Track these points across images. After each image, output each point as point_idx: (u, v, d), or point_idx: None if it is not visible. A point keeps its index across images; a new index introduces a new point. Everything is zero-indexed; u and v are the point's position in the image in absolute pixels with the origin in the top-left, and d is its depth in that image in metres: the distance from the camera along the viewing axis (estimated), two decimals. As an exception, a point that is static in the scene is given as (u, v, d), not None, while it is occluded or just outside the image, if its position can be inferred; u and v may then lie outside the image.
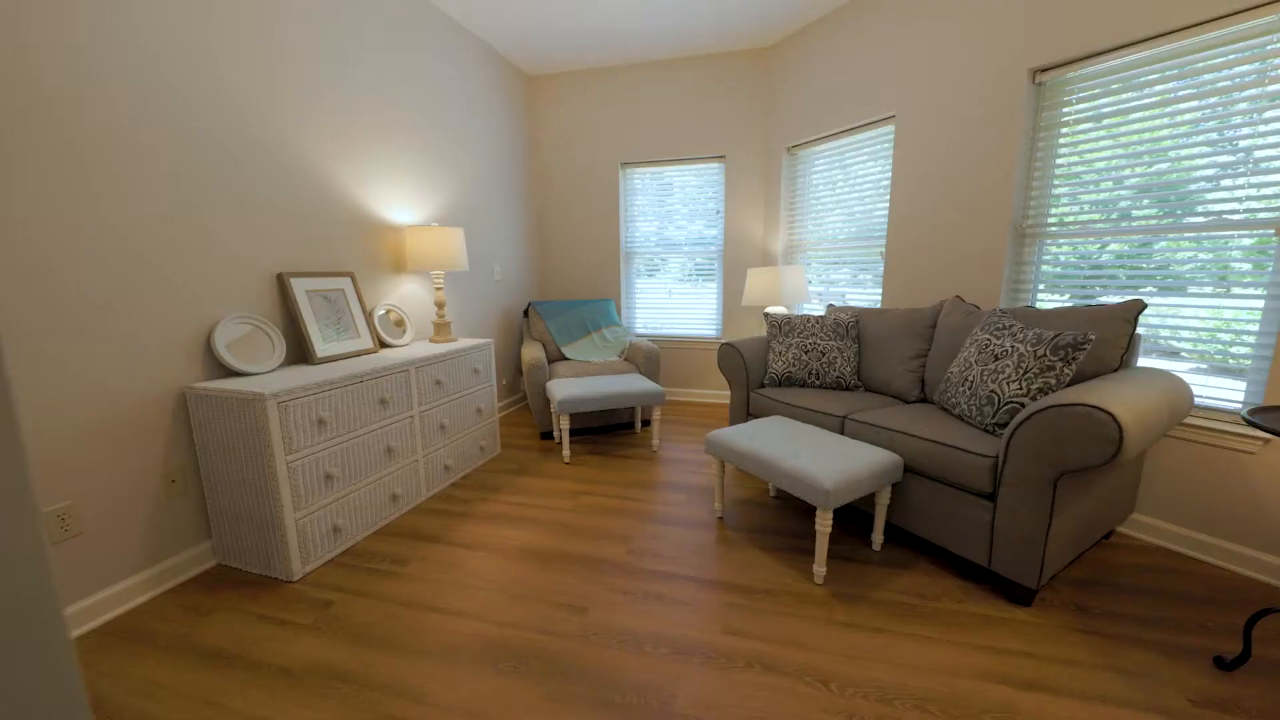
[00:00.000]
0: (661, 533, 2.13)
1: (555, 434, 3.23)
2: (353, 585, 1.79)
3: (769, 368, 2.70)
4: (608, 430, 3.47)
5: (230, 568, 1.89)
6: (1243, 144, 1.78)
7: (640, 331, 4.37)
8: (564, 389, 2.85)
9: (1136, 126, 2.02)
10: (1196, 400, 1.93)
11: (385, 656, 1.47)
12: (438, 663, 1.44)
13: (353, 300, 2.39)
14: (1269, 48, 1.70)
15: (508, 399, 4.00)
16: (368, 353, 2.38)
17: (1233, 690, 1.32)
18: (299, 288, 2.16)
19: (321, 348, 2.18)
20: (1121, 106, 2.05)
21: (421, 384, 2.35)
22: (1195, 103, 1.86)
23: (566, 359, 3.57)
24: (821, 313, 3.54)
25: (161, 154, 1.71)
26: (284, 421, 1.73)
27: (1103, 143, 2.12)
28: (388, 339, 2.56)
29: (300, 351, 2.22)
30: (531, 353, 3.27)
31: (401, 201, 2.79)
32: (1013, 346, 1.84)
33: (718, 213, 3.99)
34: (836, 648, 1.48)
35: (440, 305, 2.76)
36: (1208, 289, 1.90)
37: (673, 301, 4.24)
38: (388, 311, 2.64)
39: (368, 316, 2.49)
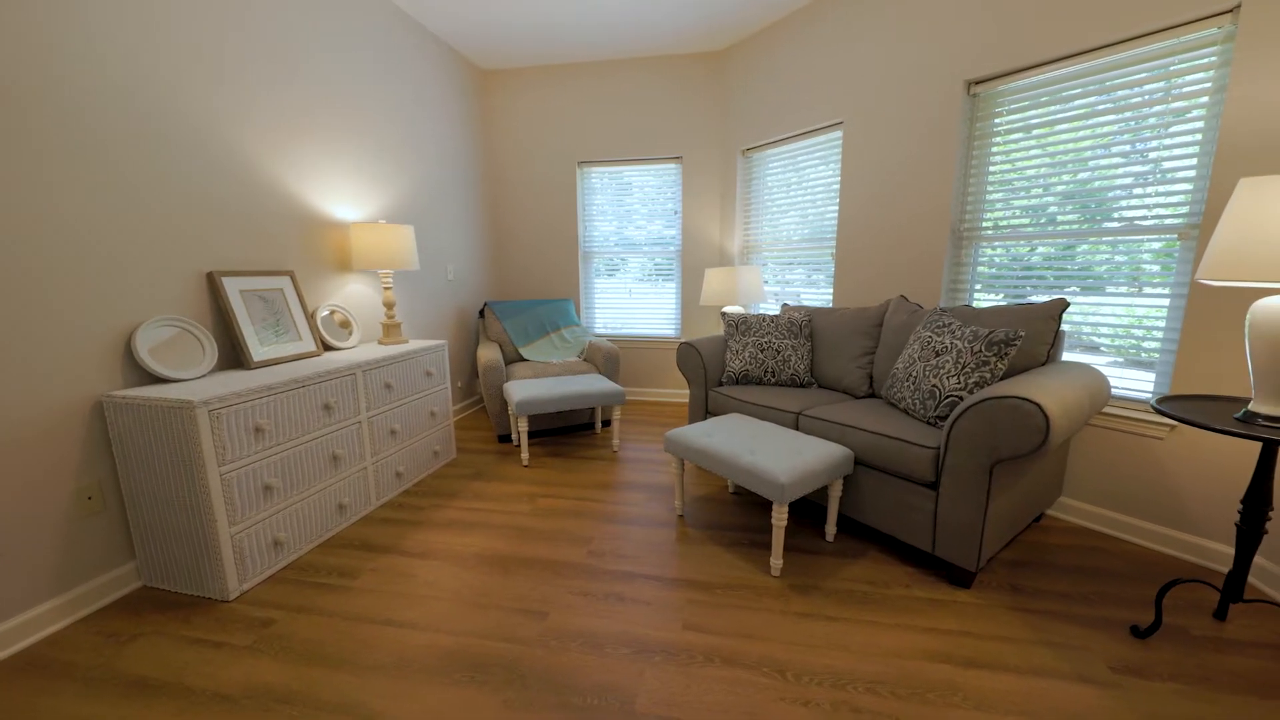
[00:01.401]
0: (622, 533, 2.13)
1: (513, 436, 3.17)
2: (296, 601, 1.70)
3: (727, 366, 2.74)
4: (567, 431, 3.44)
5: (157, 589, 1.76)
6: (1152, 155, 1.93)
7: (600, 331, 4.35)
8: (522, 390, 2.80)
9: (1062, 137, 2.17)
10: (1114, 391, 2.09)
11: (333, 674, 1.40)
12: (390, 678, 1.38)
13: (293, 301, 2.27)
14: (1173, 68, 1.86)
15: (463, 402, 3.90)
16: (310, 356, 2.26)
17: (1147, 656, 1.44)
18: (232, 287, 2.03)
19: (258, 351, 2.05)
20: (1048, 118, 2.19)
21: (370, 388, 2.25)
22: (1112, 116, 2.02)
23: (524, 360, 3.52)
24: (777, 312, 3.62)
25: (67, 139, 1.56)
26: (216, 430, 1.62)
27: (1032, 152, 2.26)
28: (332, 341, 2.44)
29: (235, 356, 2.09)
30: (488, 354, 3.20)
31: (346, 197, 2.66)
32: (952, 343, 1.94)
33: (675, 213, 4.02)
34: (793, 638, 1.52)
35: (389, 306, 2.66)
36: (1123, 289, 2.06)
37: (633, 301, 4.24)
38: (332, 313, 2.52)
39: (310, 318, 2.37)
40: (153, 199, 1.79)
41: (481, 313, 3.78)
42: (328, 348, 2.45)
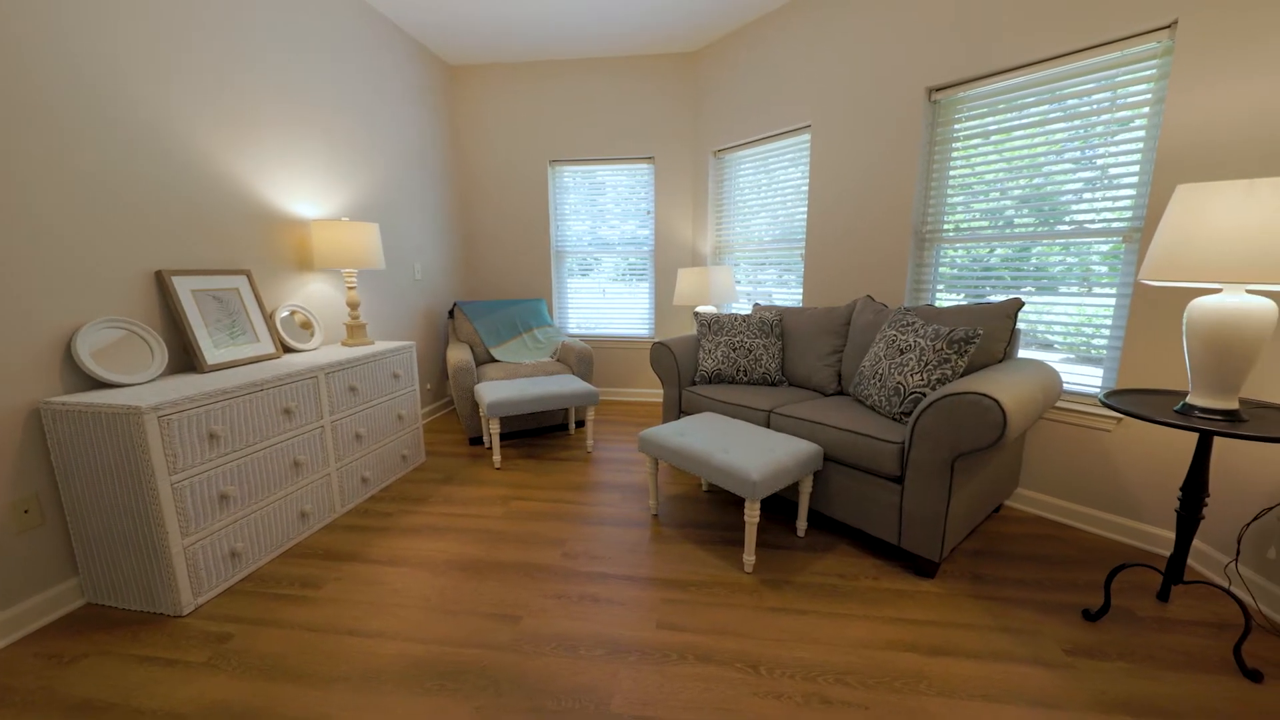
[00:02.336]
0: (596, 534, 2.12)
1: (485, 439, 3.12)
2: (255, 614, 1.63)
3: (699, 366, 2.76)
4: (541, 433, 3.40)
5: (103, 606, 1.66)
6: (1100, 162, 2.03)
7: (574, 332, 4.32)
8: (494, 392, 2.76)
9: (1018, 143, 2.26)
10: (1066, 386, 2.19)
11: (295, 689, 1.34)
12: (356, 690, 1.34)
13: (249, 301, 2.18)
14: (1118, 79, 1.96)
15: (433, 404, 3.82)
16: (269, 358, 2.18)
17: (1097, 638, 1.51)
18: (183, 287, 1.93)
19: (212, 354, 1.96)
20: (1005, 125, 2.28)
21: (333, 391, 2.18)
22: (1064, 124, 2.11)
23: (496, 361, 3.46)
24: (749, 312, 3.67)
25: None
26: (167, 437, 1.54)
27: (991, 157, 2.35)
28: (293, 343, 2.35)
29: (187, 359, 1.99)
30: (458, 355, 3.13)
31: (306, 194, 2.57)
32: (915, 341, 2.00)
33: (648, 213, 4.02)
34: (765, 632, 1.54)
35: (353, 306, 2.58)
36: (1074, 289, 2.16)
37: (607, 301, 4.23)
38: (292, 313, 2.43)
39: (268, 318, 2.28)
40: (96, 193, 1.69)
41: (451, 313, 3.71)
42: (288, 350, 2.36)
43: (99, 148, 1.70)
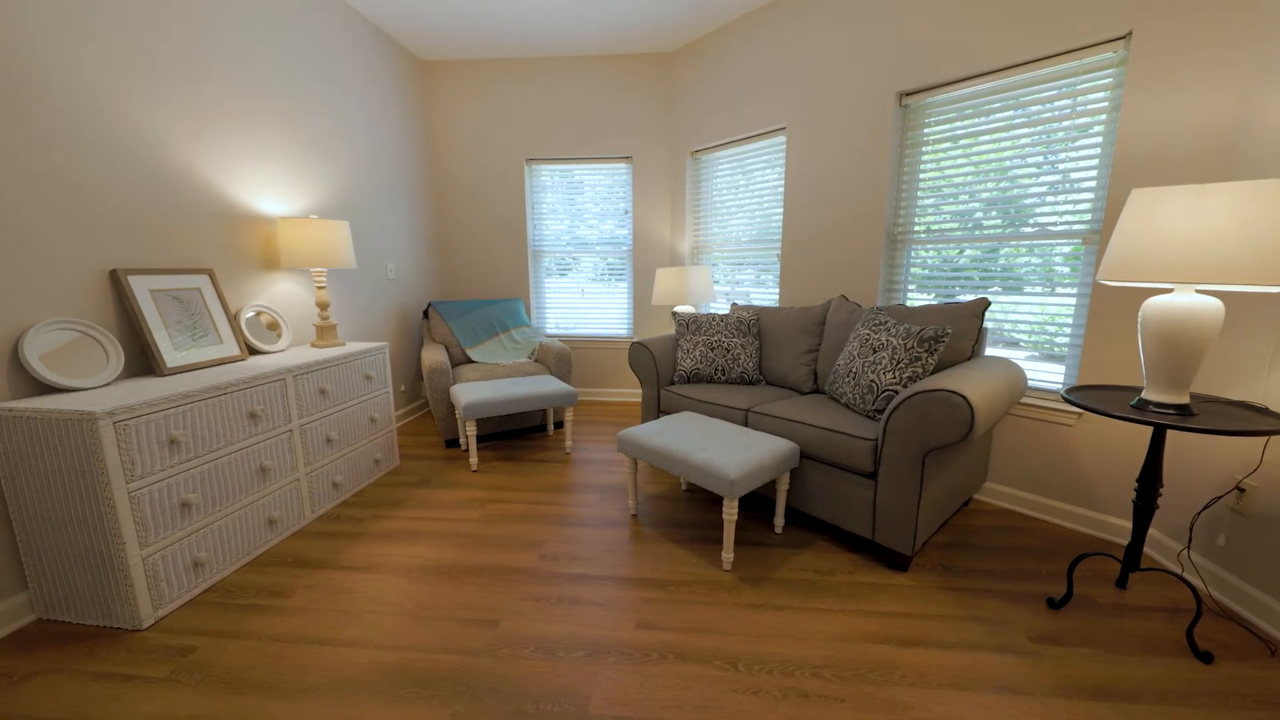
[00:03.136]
0: (575, 535, 2.11)
1: (461, 441, 3.07)
2: (220, 626, 1.57)
3: (678, 365, 2.77)
4: (518, 434, 3.37)
5: (55, 622, 1.58)
6: (1061, 166, 2.11)
7: (552, 332, 4.29)
8: (470, 393, 2.72)
9: (985, 148, 2.32)
10: (1030, 383, 2.27)
11: (264, 701, 1.30)
12: (328, 700, 1.30)
13: (212, 301, 2.10)
14: (1078, 87, 2.03)
15: (407, 406, 3.75)
16: (233, 360, 2.10)
17: (1060, 625, 1.57)
18: (140, 286, 1.85)
19: (172, 356, 1.89)
20: (973, 130, 2.35)
21: (302, 394, 2.12)
22: (1028, 130, 2.18)
23: (472, 362, 3.41)
24: (727, 311, 3.69)
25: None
26: (123, 443, 1.47)
27: (959, 160, 2.41)
28: (259, 344, 2.28)
29: (145, 361, 1.91)
30: (433, 356, 3.08)
31: (272, 191, 2.49)
32: (887, 340, 2.04)
33: (626, 213, 4.02)
34: (744, 629, 1.55)
35: (323, 306, 2.51)
36: (1039, 289, 2.23)
37: (586, 301, 4.21)
38: (258, 314, 2.35)
39: (233, 319, 2.20)
40: (44, 188, 1.60)
41: (426, 313, 3.64)
42: (254, 351, 2.28)
43: (47, 140, 1.61)
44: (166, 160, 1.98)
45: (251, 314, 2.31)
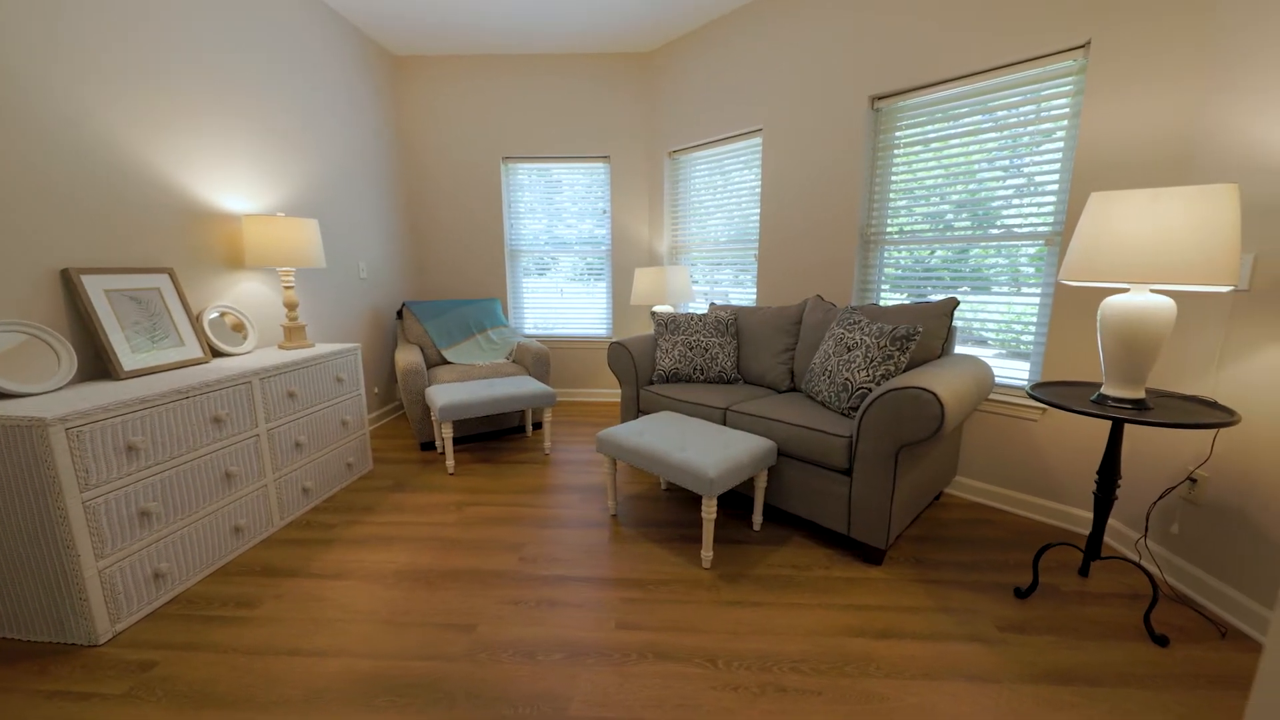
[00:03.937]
0: (554, 536, 2.09)
1: (437, 444, 3.02)
2: (183, 639, 1.51)
3: (657, 365, 2.77)
4: (496, 436, 3.33)
5: (4, 640, 1.50)
6: (1026, 170, 2.18)
7: (530, 332, 4.25)
8: (446, 395, 2.67)
9: (954, 151, 2.38)
10: (998, 380, 2.34)
11: (230, 715, 1.26)
12: (298, 712, 1.27)
13: (173, 301, 2.02)
14: (1042, 93, 2.10)
15: (381, 409, 3.67)
16: (195, 363, 2.03)
17: (1027, 614, 1.62)
18: (94, 286, 1.77)
19: (129, 359, 1.81)
20: (943, 133, 2.41)
21: (269, 397, 2.05)
22: (995, 134, 2.24)
23: (448, 363, 3.36)
24: (705, 311, 3.71)
25: None
26: (77, 451, 1.40)
27: (930, 163, 2.47)
28: (223, 346, 2.20)
29: (101, 365, 1.82)
30: (407, 357, 3.02)
31: (237, 187, 2.41)
32: (861, 339, 2.08)
33: (604, 212, 4.01)
34: (723, 626, 1.56)
35: (291, 307, 2.43)
36: (1005, 288, 2.30)
37: (565, 301, 4.18)
38: (222, 314, 2.27)
39: (195, 320, 2.12)
40: (-15, 182, 1.52)
41: (400, 314, 3.57)
42: (218, 353, 2.20)
43: (-10, 131, 1.53)
44: (123, 156, 1.90)
45: (215, 315, 2.23)
